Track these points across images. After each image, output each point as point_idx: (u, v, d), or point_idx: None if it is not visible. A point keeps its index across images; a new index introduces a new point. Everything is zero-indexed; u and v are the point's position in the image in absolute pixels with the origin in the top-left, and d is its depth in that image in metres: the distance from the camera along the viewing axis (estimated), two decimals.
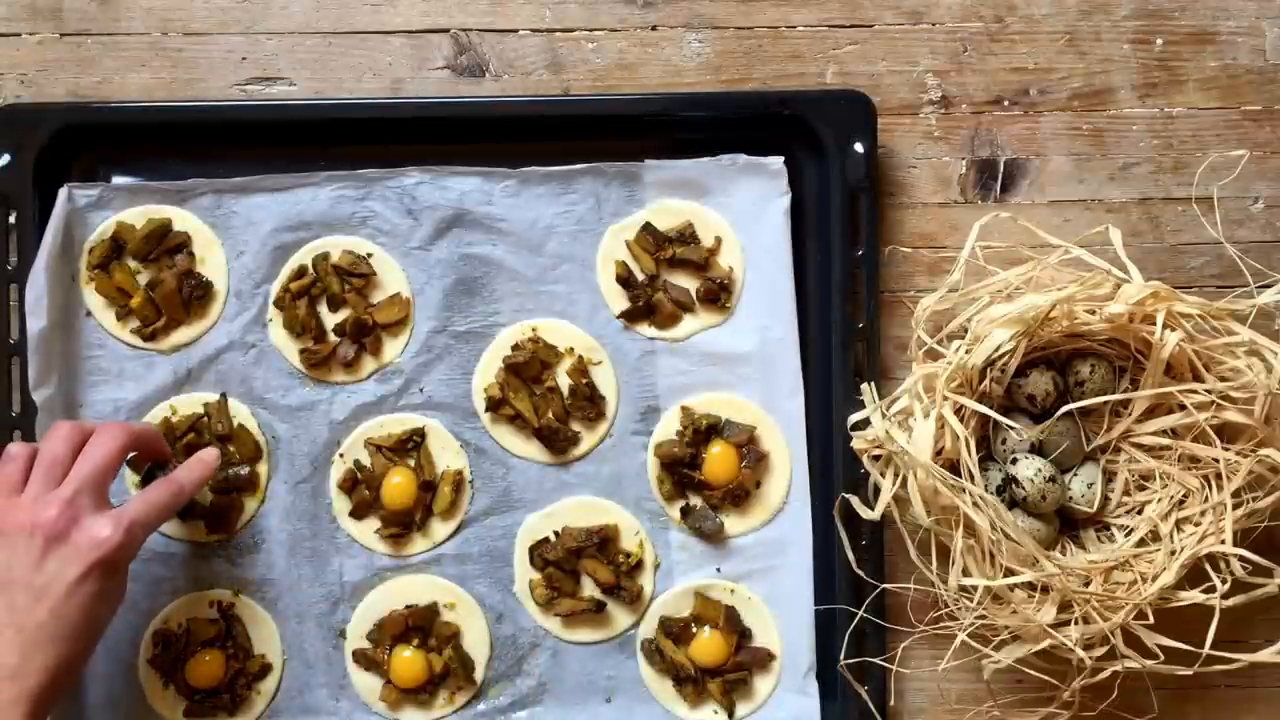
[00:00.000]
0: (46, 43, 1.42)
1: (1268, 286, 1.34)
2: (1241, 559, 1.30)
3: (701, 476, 1.41)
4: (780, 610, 1.42)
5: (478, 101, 1.43)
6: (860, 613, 1.37)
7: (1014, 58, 1.43)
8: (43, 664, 1.16)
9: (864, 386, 1.38)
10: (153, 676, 1.39)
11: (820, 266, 1.42)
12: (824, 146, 1.40)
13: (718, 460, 1.41)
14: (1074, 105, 1.43)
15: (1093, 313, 1.30)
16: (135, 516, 1.21)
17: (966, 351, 1.30)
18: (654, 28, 1.43)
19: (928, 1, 1.43)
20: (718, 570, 1.43)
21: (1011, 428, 1.30)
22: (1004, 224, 1.39)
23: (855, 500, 1.37)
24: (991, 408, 1.30)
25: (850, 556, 1.37)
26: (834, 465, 1.40)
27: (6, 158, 1.38)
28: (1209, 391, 1.30)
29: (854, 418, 1.38)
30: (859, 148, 1.39)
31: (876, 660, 1.38)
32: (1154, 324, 1.29)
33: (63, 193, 1.38)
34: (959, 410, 1.29)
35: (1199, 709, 1.43)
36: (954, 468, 1.29)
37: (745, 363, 1.42)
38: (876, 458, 1.36)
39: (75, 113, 1.40)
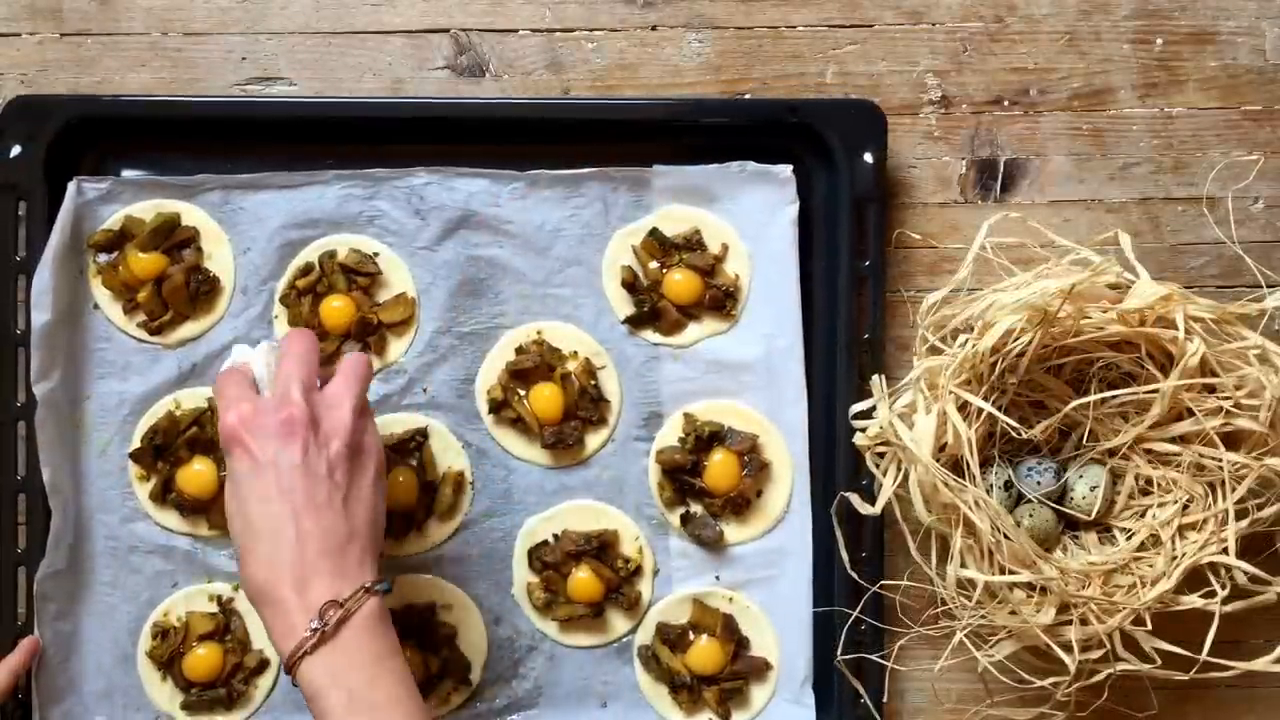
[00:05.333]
0: (46, 43, 1.42)
1: (1274, 288, 1.34)
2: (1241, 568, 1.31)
3: (702, 484, 1.41)
4: (778, 620, 1.42)
5: (485, 103, 1.43)
6: (855, 613, 1.37)
7: (1014, 58, 1.44)
8: None
9: (874, 379, 1.37)
10: (151, 669, 1.39)
11: (826, 275, 1.42)
12: (833, 155, 1.40)
13: (719, 468, 1.40)
14: (1074, 105, 1.44)
15: (1105, 310, 1.30)
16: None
17: (976, 340, 1.29)
18: (654, 28, 1.43)
19: (928, 1, 1.43)
20: (716, 578, 1.42)
21: (1011, 426, 1.29)
22: (1010, 224, 1.39)
23: (855, 497, 1.37)
24: (1003, 405, 1.30)
25: (845, 557, 1.37)
26: (836, 475, 1.40)
27: (17, 149, 1.37)
28: (1224, 399, 1.30)
29: (857, 407, 1.38)
30: (868, 157, 1.39)
31: (873, 657, 1.38)
32: (1168, 326, 1.29)
33: (72, 186, 1.38)
34: (964, 406, 1.29)
35: (1199, 708, 1.43)
36: (959, 462, 1.29)
37: (749, 371, 1.42)
38: (880, 454, 1.36)
39: (86, 105, 1.39)
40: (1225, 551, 1.30)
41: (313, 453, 1.17)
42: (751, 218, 1.42)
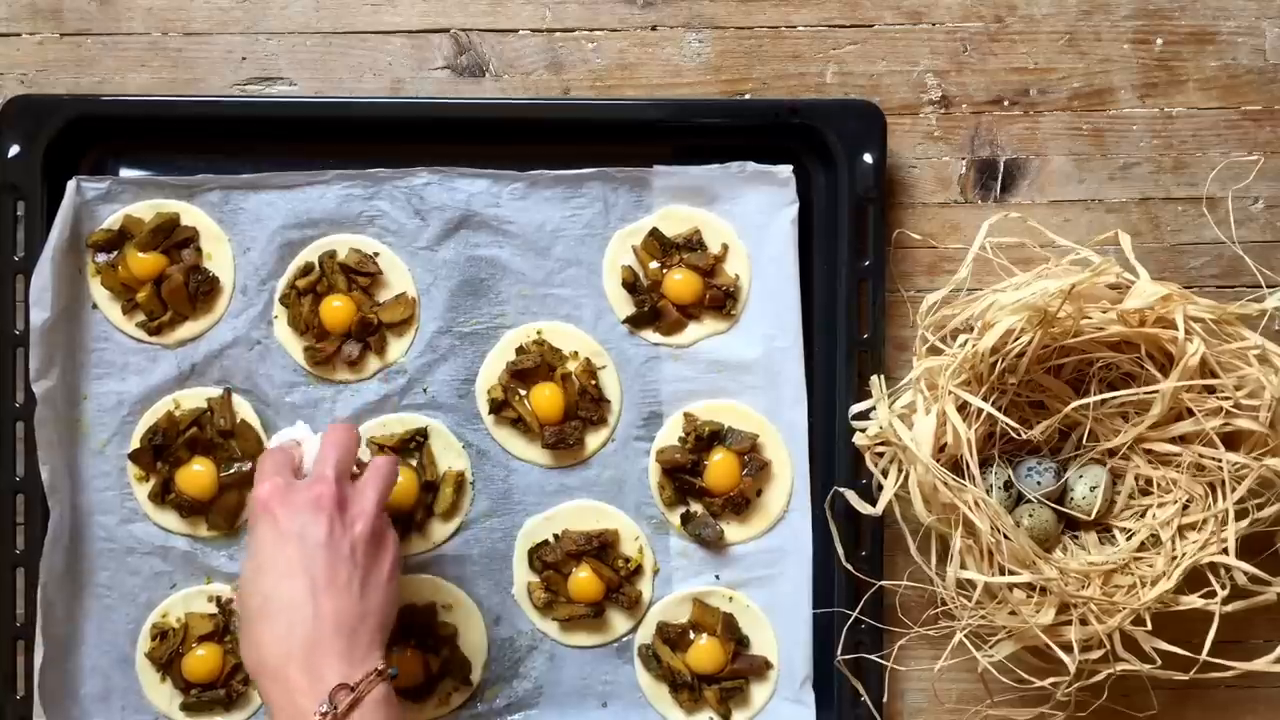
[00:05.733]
0: (46, 43, 1.42)
1: (1274, 288, 1.34)
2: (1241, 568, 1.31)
3: (703, 483, 1.41)
4: (778, 619, 1.42)
5: (485, 103, 1.43)
6: (855, 614, 1.37)
7: (1014, 58, 1.44)
8: None
9: (873, 379, 1.37)
10: (150, 670, 1.39)
11: (826, 276, 1.42)
12: (833, 155, 1.40)
13: (719, 468, 1.40)
14: (1074, 105, 1.44)
15: (1105, 311, 1.30)
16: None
17: (976, 340, 1.29)
18: (654, 28, 1.43)
19: (928, 1, 1.43)
20: (717, 577, 1.42)
21: (1011, 427, 1.29)
22: (1009, 224, 1.39)
23: (852, 495, 1.37)
24: (1003, 405, 1.30)
25: (840, 552, 1.37)
26: (836, 475, 1.40)
27: (16, 148, 1.37)
28: (1224, 399, 1.30)
29: (856, 408, 1.38)
30: (868, 158, 1.39)
31: (873, 657, 1.38)
32: (1168, 327, 1.29)
33: (71, 185, 1.38)
34: (964, 406, 1.29)
35: (1199, 708, 1.43)
36: (959, 462, 1.29)
37: (749, 371, 1.42)
38: (880, 454, 1.36)
39: (86, 105, 1.39)
40: (1225, 551, 1.30)
41: (337, 532, 1.19)
42: (751, 218, 1.42)
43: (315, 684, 1.14)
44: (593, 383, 1.41)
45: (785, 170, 1.41)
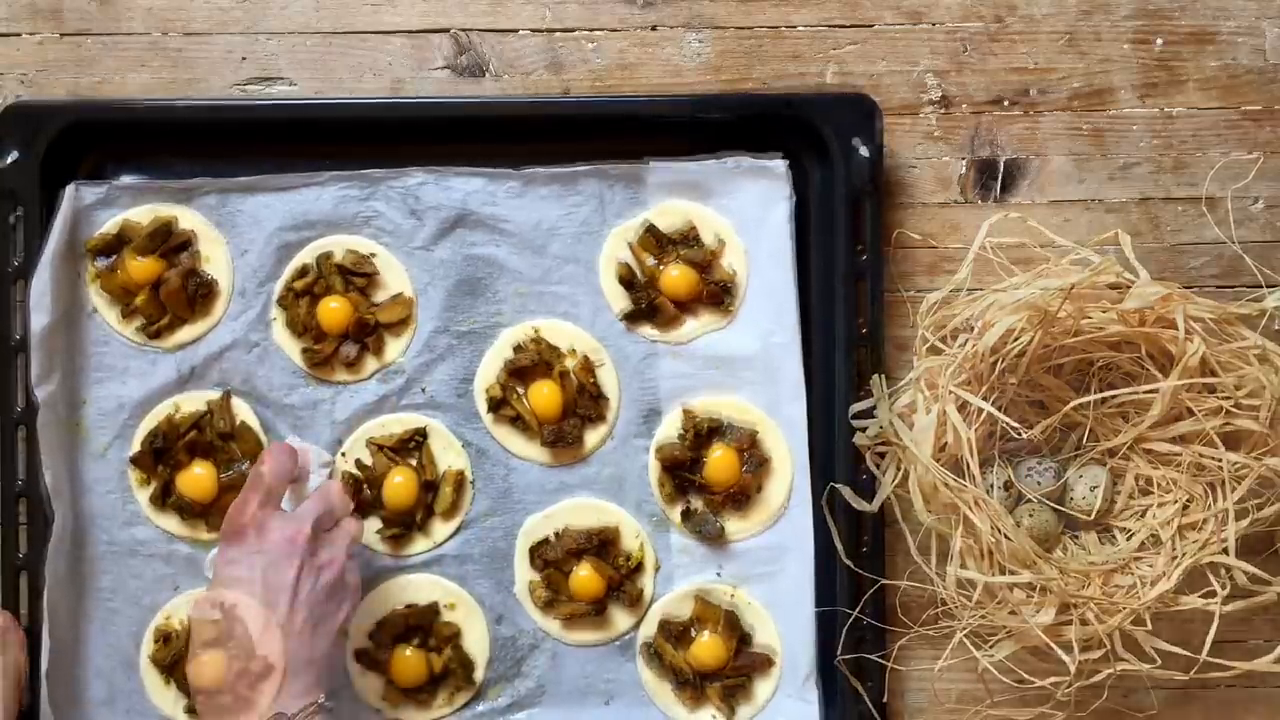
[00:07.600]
0: (46, 43, 1.42)
1: (1274, 288, 1.34)
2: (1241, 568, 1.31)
3: (703, 479, 1.41)
4: (780, 614, 1.42)
5: (481, 102, 1.43)
6: (855, 613, 1.37)
7: (1014, 58, 1.43)
8: None
9: (874, 378, 1.37)
10: (154, 673, 1.39)
11: (824, 270, 1.41)
12: (828, 149, 1.40)
13: (719, 463, 1.40)
14: (1074, 105, 1.43)
15: (1105, 311, 1.30)
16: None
17: (976, 340, 1.29)
18: (654, 28, 1.43)
19: (928, 1, 1.43)
20: (718, 573, 1.42)
21: (1011, 426, 1.29)
22: (1009, 224, 1.39)
23: (848, 491, 1.37)
24: (1003, 405, 1.30)
25: (840, 549, 1.37)
26: (836, 471, 1.40)
27: (14, 155, 1.37)
28: (1224, 398, 1.30)
29: (856, 407, 1.38)
30: (864, 150, 1.39)
31: (873, 657, 1.38)
32: (1168, 326, 1.29)
33: (69, 190, 1.38)
34: (964, 406, 1.29)
35: (1199, 708, 1.43)
36: (959, 462, 1.29)
37: (747, 366, 1.42)
38: (880, 454, 1.36)
39: (83, 110, 1.40)
40: (1225, 551, 1.30)
41: (305, 576, 1.26)
42: (747, 212, 1.42)
43: (249, 713, 1.20)
44: (591, 380, 1.41)
45: (780, 163, 1.40)
